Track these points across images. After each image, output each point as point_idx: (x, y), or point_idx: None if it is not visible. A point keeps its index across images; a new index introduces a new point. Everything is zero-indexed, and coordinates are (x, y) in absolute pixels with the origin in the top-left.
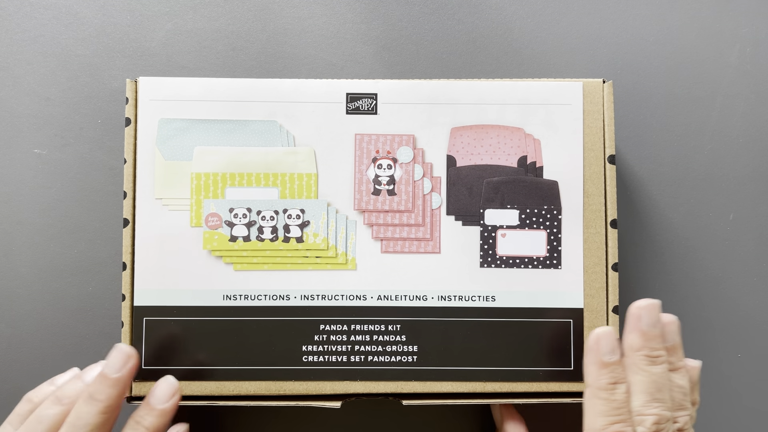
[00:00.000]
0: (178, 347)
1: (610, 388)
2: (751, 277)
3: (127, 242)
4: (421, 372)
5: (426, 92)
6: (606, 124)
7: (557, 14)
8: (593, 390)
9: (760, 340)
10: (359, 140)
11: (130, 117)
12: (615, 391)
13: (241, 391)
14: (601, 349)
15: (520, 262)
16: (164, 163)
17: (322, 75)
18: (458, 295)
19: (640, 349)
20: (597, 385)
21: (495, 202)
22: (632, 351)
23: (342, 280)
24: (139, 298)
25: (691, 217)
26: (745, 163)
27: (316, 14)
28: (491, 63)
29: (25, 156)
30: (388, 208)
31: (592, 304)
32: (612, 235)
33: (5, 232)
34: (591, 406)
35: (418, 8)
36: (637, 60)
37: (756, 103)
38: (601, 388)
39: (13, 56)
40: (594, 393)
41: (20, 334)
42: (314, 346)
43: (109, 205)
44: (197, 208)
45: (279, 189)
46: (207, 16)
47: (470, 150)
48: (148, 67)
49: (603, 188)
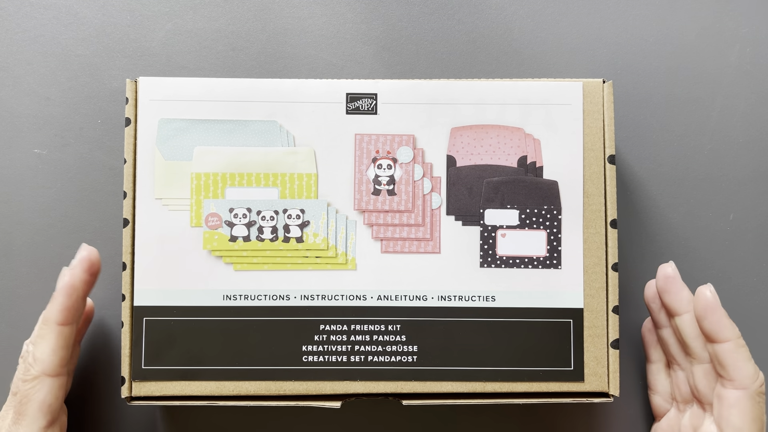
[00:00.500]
0: (178, 347)
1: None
2: (751, 277)
3: (127, 242)
4: (421, 372)
5: (426, 92)
6: (606, 124)
7: (557, 14)
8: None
9: (760, 340)
10: (359, 140)
11: (130, 117)
12: None
13: (241, 391)
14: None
15: (520, 262)
16: (164, 163)
17: (322, 75)
18: (458, 295)
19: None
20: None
21: (495, 202)
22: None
23: (342, 280)
24: (139, 298)
25: (691, 217)
26: (745, 163)
27: (316, 14)
28: (491, 63)
29: (25, 156)
30: (388, 208)
31: (592, 304)
32: (612, 235)
33: (5, 232)
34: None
35: (418, 8)
36: (637, 60)
37: (756, 103)
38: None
39: (13, 56)
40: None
41: (20, 334)
42: (314, 346)
43: (109, 205)
44: (197, 208)
45: (279, 189)
46: (207, 16)
47: (470, 150)
48: (148, 67)
49: (603, 188)
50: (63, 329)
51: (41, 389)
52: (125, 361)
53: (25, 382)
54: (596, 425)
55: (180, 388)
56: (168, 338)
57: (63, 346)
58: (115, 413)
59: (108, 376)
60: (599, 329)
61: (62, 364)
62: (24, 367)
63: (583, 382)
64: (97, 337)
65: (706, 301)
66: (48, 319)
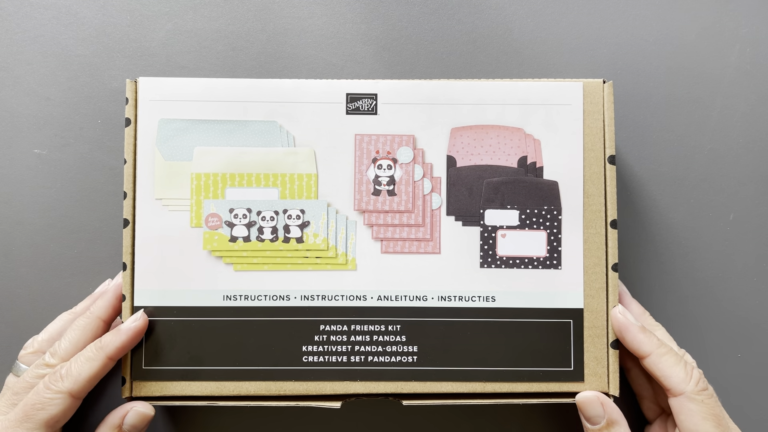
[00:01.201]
0: (178, 347)
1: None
2: (751, 277)
3: (127, 242)
4: (421, 372)
5: (426, 92)
6: (606, 125)
7: (557, 14)
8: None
9: (760, 340)
10: (359, 140)
11: (130, 117)
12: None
13: (241, 391)
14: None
15: (520, 263)
16: (164, 163)
17: (322, 75)
18: (458, 296)
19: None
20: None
21: (495, 203)
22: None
23: (342, 280)
24: (139, 298)
25: (691, 217)
26: (745, 163)
27: (316, 14)
28: (491, 63)
29: (25, 156)
30: (388, 208)
31: (592, 304)
32: (612, 236)
33: (5, 232)
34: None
35: (418, 8)
36: (637, 60)
37: (756, 103)
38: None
39: (13, 56)
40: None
41: (20, 334)
42: (314, 346)
43: (109, 205)
44: (197, 208)
45: (279, 189)
46: (207, 16)
47: (470, 150)
48: (148, 67)
49: (603, 188)
50: (109, 363)
51: (60, 405)
52: (126, 361)
53: (48, 389)
54: None
55: (180, 389)
56: (168, 338)
57: (100, 376)
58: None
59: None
60: (599, 329)
61: (88, 391)
62: (53, 375)
63: (583, 382)
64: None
65: (618, 322)
66: (104, 346)
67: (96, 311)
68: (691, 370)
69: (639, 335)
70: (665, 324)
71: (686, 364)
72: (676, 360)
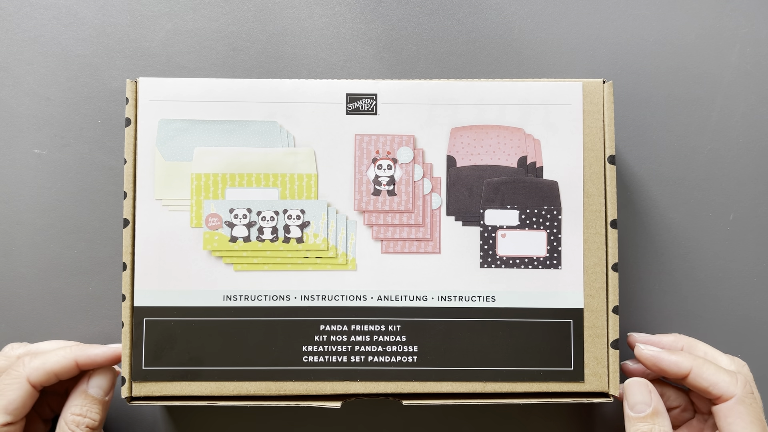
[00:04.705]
0: (178, 348)
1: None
2: (751, 277)
3: (127, 242)
4: (421, 372)
5: (426, 92)
6: (606, 125)
7: (557, 14)
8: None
9: (760, 340)
10: (359, 140)
11: (130, 117)
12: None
13: (241, 391)
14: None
15: (520, 263)
16: (164, 163)
17: (322, 75)
18: (458, 296)
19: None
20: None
21: (495, 203)
22: None
23: (342, 280)
24: (139, 298)
25: (691, 217)
26: (745, 163)
27: (316, 14)
28: (491, 63)
29: (25, 156)
30: (388, 208)
31: (592, 304)
32: (612, 236)
33: (5, 232)
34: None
35: (418, 8)
36: (637, 60)
37: (756, 103)
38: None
39: (13, 56)
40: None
41: (20, 334)
42: (314, 346)
43: (109, 205)
44: (197, 208)
45: (279, 189)
46: (207, 16)
47: (470, 150)
48: (148, 68)
49: (603, 188)
50: (74, 368)
51: (17, 390)
52: (125, 361)
53: (8, 375)
54: (596, 425)
55: (180, 389)
56: (168, 339)
57: (63, 375)
58: (115, 413)
59: None
60: (599, 329)
61: (47, 384)
62: (17, 362)
63: (583, 382)
64: (97, 338)
65: (647, 357)
66: (79, 351)
67: (84, 358)
68: (733, 374)
69: (672, 358)
70: (665, 324)
71: (726, 371)
72: (716, 368)
